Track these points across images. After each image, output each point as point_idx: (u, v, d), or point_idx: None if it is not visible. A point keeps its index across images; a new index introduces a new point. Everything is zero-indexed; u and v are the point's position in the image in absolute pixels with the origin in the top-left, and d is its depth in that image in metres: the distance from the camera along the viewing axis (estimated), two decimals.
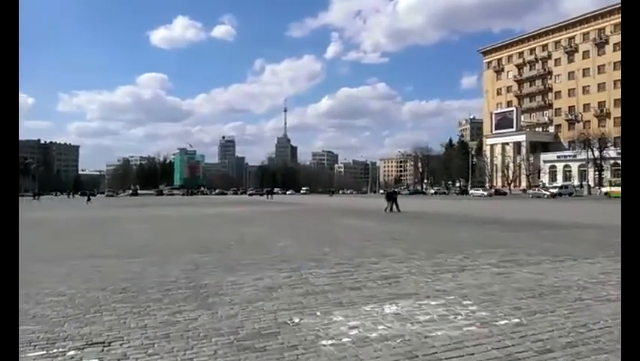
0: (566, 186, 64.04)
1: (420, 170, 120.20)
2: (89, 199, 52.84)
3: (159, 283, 6.84)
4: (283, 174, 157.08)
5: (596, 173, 71.04)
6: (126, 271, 7.89)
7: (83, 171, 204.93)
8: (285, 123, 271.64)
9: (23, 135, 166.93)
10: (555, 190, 59.86)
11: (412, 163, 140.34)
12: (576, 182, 72.96)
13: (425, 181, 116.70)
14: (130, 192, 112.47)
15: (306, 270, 7.68)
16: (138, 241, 12.47)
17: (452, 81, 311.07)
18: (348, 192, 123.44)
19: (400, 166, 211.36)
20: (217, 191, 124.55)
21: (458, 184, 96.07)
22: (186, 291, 6.26)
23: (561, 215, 22.71)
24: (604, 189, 58.55)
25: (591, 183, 68.26)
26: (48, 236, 14.69)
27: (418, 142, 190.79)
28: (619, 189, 58.38)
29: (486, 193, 63.86)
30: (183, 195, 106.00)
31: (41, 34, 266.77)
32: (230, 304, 5.51)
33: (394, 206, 24.50)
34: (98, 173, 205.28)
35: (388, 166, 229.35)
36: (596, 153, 69.18)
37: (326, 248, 10.48)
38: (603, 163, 69.47)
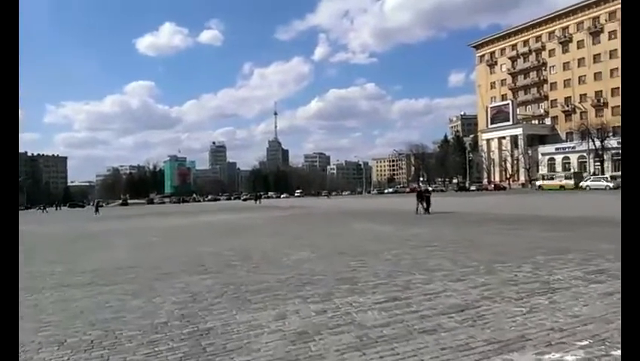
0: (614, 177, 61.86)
1: (415, 168, 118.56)
2: (97, 210, 50.03)
3: (142, 328, 4.85)
4: (275, 178, 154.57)
5: (597, 164, 69.63)
6: (100, 308, 5.89)
7: (72, 182, 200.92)
8: (276, 127, 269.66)
9: None
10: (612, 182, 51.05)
11: (406, 162, 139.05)
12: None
13: (421, 179, 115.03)
14: (120, 201, 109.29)
15: (341, 298, 5.71)
16: (120, 261, 10.39)
17: (440, 79, 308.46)
18: (347, 193, 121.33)
19: (393, 165, 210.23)
20: (209, 197, 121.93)
21: (455, 181, 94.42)
22: (181, 344, 4.27)
23: (583, 209, 20.93)
24: (537, 183, 60.15)
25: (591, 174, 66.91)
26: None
27: (409, 141, 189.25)
28: (552, 182, 60.96)
29: (604, 186, 51.35)
30: (174, 202, 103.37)
31: (25, 45, 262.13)
32: None
33: (425, 207, 21.93)
34: (87, 184, 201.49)
35: (380, 166, 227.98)
36: (597, 143, 67.72)
37: (352, 262, 8.52)
38: (604, 153, 68.05)
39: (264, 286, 6.66)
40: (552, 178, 63.04)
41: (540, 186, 60.53)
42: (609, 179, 53.74)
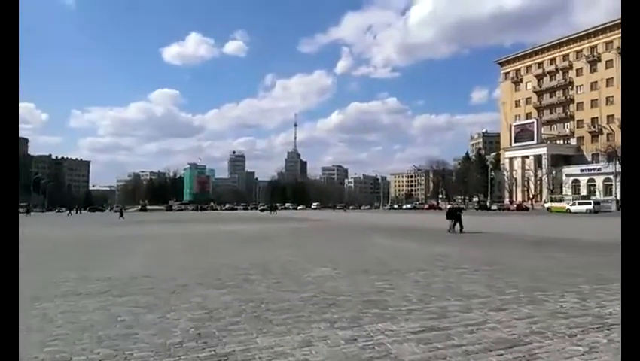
0: (598, 202, 60.83)
1: (435, 184, 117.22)
2: (122, 215, 50.66)
3: (155, 348, 4.42)
4: (293, 189, 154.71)
5: None
6: (111, 322, 5.49)
7: (93, 186, 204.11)
8: (295, 138, 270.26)
9: (36, 151, 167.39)
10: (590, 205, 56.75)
11: (424, 177, 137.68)
12: (599, 196, 69.73)
13: (440, 196, 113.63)
14: (139, 207, 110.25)
15: (371, 324, 5.20)
16: (134, 270, 10.03)
17: (462, 95, 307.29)
18: (366, 207, 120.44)
19: (411, 181, 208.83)
20: (227, 206, 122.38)
21: (476, 199, 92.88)
22: None
23: (609, 232, 19.98)
24: (546, 205, 59.87)
25: (618, 198, 65.06)
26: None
27: (429, 156, 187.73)
28: (560, 204, 61.46)
29: (584, 210, 55.72)
30: (192, 210, 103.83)
31: (54, 50, 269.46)
32: None
33: (458, 225, 20.59)
34: (108, 188, 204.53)
35: (398, 181, 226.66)
36: None
37: (377, 282, 8.00)
38: None
39: (286, 306, 6.19)
40: (560, 200, 65.24)
41: (548, 208, 62.31)
42: (591, 203, 57.24)
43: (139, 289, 7.55)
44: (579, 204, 59.25)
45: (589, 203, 57.80)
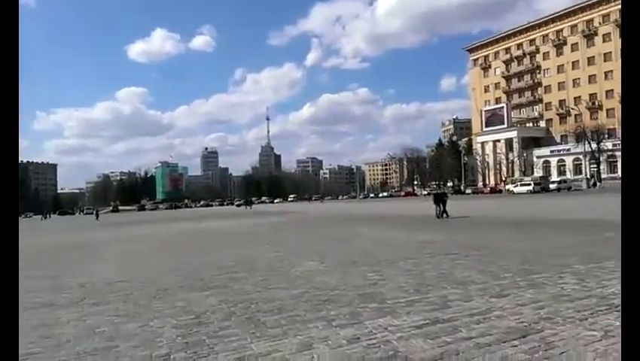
0: (565, 181, 62.35)
1: (410, 171, 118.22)
2: (97, 217, 49.80)
3: None
4: (269, 183, 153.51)
5: (593, 166, 69.44)
6: (89, 334, 5.04)
7: (62, 189, 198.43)
8: (268, 132, 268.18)
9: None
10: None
11: (398, 165, 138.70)
12: (569, 175, 71.43)
13: (415, 183, 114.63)
14: (110, 208, 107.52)
15: (371, 319, 4.89)
16: (111, 274, 9.50)
17: (432, 83, 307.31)
18: (345, 197, 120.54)
19: (386, 169, 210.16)
20: (201, 203, 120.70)
21: (450, 184, 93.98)
22: None
23: (592, 211, 20.28)
24: (507, 187, 61.62)
25: (587, 176, 66.78)
26: None
27: (401, 145, 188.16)
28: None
29: (525, 190, 59.20)
30: (166, 208, 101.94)
31: None
32: None
33: (443, 210, 20.60)
34: (77, 191, 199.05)
35: (373, 170, 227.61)
36: (593, 146, 67.55)
37: (368, 273, 7.71)
38: (600, 156, 67.90)
39: (277, 305, 5.83)
40: (520, 182, 66.05)
41: (509, 190, 63.42)
42: (531, 184, 59.98)
43: (117, 296, 7.07)
44: (521, 185, 62.06)
45: (530, 184, 60.55)
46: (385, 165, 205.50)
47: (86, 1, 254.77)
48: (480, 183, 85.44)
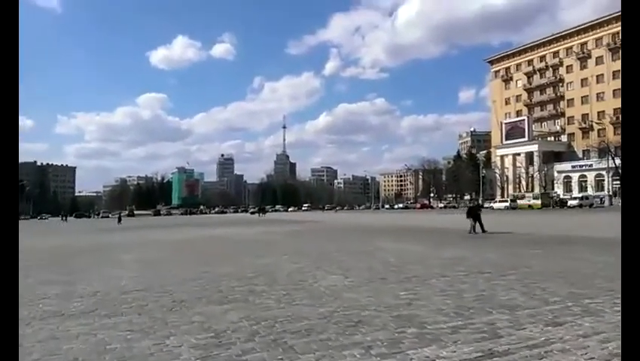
0: (587, 197, 60.85)
1: (426, 183, 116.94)
2: (119, 220, 48.76)
3: None
4: (283, 191, 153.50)
5: (616, 182, 67.65)
6: (99, 353, 4.58)
7: (80, 192, 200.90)
8: (284, 140, 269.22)
9: (21, 158, 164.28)
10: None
11: (414, 177, 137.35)
12: (590, 192, 69.78)
13: (431, 195, 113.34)
14: (126, 212, 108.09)
15: (414, 348, 4.34)
16: (124, 284, 9.04)
17: (450, 95, 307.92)
18: (362, 207, 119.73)
19: (401, 180, 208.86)
20: (216, 209, 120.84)
21: (467, 197, 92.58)
22: None
23: (596, 229, 19.31)
24: (520, 201, 61.27)
25: (610, 193, 65.12)
26: None
27: (417, 156, 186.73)
28: (521, 201, 64.07)
29: (502, 206, 63.67)
30: (181, 214, 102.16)
31: (40, 55, 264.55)
32: None
33: (478, 225, 18.98)
34: (95, 194, 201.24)
35: (388, 181, 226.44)
36: (617, 162, 65.85)
37: (400, 291, 7.14)
38: None
39: (305, 325, 5.30)
40: (523, 198, 67.19)
41: (530, 206, 63.53)
42: (508, 201, 65.89)
43: (132, 308, 6.61)
44: (499, 202, 68.39)
45: (507, 201, 66.77)
46: (401, 176, 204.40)
47: (110, 7, 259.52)
48: (499, 197, 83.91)
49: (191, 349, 4.59)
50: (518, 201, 65.23)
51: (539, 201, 61.99)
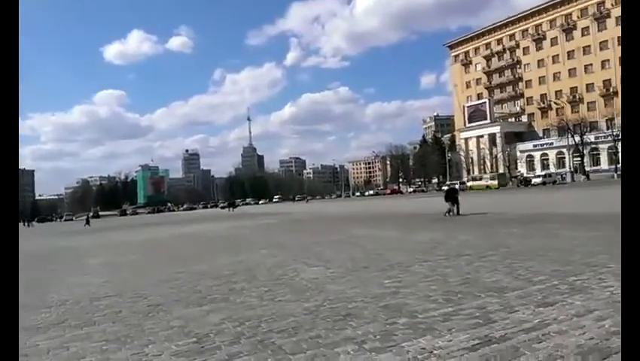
0: (549, 175, 62.73)
1: (395, 169, 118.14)
2: (87, 222, 47.67)
3: None
4: (252, 184, 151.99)
5: (576, 159, 69.97)
6: None
7: (40, 195, 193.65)
8: (250, 132, 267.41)
9: None
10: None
11: (382, 163, 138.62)
12: (553, 169, 72.00)
13: (400, 180, 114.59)
14: (91, 214, 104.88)
15: (409, 340, 4.18)
16: (97, 287, 8.60)
17: (411, 81, 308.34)
18: (334, 196, 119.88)
19: (369, 167, 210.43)
20: (185, 206, 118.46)
21: (435, 180, 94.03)
22: None
23: (590, 205, 19.94)
24: (467, 183, 63.10)
25: (571, 170, 67.30)
26: None
27: (383, 143, 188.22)
28: (479, 182, 65.80)
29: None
30: (148, 213, 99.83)
31: None
32: None
33: (455, 208, 19.14)
34: (56, 197, 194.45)
35: (356, 168, 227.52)
36: (576, 139, 68.05)
37: (385, 280, 7.01)
38: (583, 149, 68.46)
39: (292, 323, 5.07)
40: (480, 179, 68.65)
41: (470, 187, 64.53)
42: (488, 179, 64.87)
43: (104, 316, 6.22)
44: (477, 180, 68.27)
45: (487, 179, 66.67)
46: (369, 163, 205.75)
47: (60, 1, 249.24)
48: (465, 179, 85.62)
49: (173, 357, 4.30)
50: (475, 182, 66.31)
51: (496, 182, 63.40)
